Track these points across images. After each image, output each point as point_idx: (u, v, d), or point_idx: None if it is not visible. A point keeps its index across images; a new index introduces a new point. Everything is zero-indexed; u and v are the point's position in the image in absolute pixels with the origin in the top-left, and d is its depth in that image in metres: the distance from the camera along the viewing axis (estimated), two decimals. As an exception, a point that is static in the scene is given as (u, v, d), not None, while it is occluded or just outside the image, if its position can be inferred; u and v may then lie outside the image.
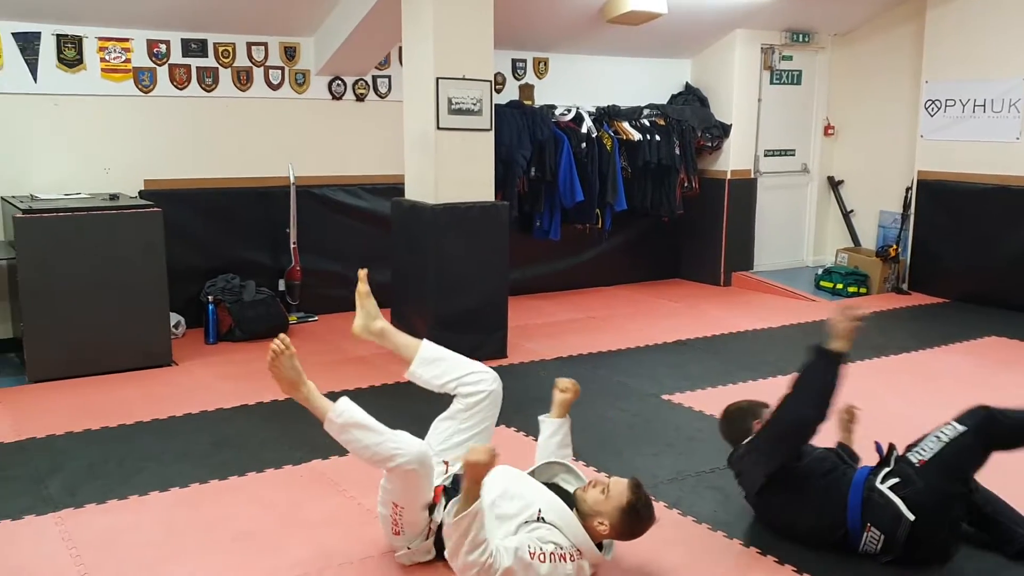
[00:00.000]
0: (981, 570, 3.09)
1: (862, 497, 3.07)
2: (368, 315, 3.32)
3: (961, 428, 3.03)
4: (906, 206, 8.01)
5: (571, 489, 3.01)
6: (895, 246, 7.96)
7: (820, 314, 7.06)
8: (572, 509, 2.87)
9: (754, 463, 3.24)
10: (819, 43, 8.42)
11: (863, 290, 7.85)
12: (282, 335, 2.84)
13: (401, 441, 2.82)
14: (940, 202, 7.66)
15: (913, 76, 7.90)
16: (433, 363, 3.28)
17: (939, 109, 7.62)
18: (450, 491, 2.95)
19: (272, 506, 3.45)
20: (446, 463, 3.11)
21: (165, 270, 5.40)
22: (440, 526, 2.88)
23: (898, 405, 4.78)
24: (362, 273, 3.32)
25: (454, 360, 3.29)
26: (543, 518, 2.82)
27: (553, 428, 3.32)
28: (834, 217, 8.80)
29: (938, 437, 3.06)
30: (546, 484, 3.00)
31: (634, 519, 2.86)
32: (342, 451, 3.23)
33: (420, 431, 4.31)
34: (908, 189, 7.98)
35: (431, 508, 2.95)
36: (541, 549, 2.74)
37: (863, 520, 3.05)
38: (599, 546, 2.90)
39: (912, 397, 5.01)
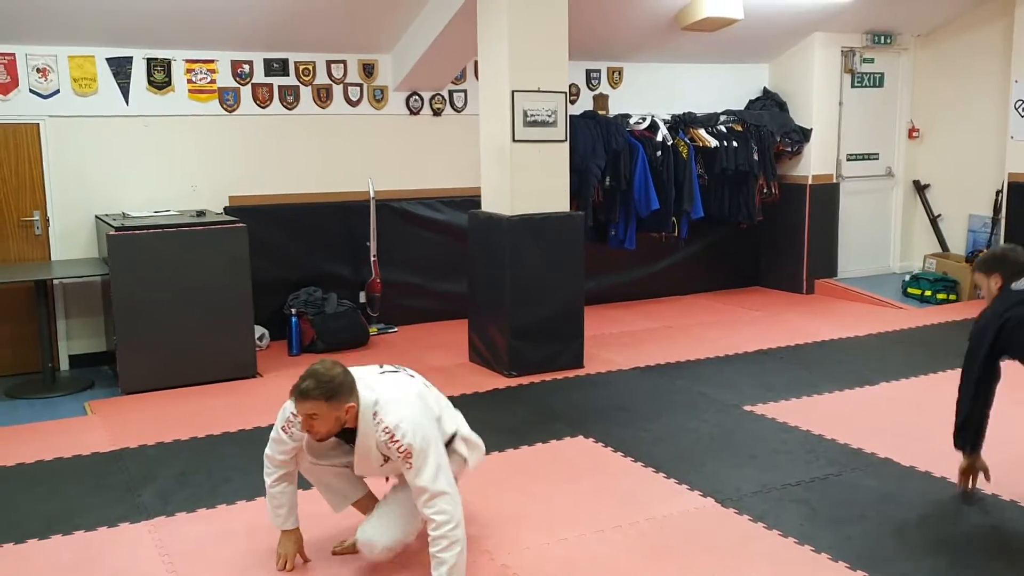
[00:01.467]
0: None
1: None
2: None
3: None
4: (996, 210, 7.74)
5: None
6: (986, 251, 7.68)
7: (908, 322, 6.86)
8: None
9: None
10: (902, 44, 8.21)
11: (952, 297, 7.59)
12: None
13: None
14: (1034, 205, 7.38)
15: (1001, 75, 7.63)
16: None
17: (1031, 108, 7.35)
18: None
19: (353, 514, 3.49)
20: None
21: (250, 284, 5.55)
22: None
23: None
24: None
25: None
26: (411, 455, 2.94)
27: None
28: (921, 222, 8.54)
29: None
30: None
31: (318, 384, 2.84)
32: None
33: (505, 440, 4.32)
34: (999, 192, 7.70)
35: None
36: (423, 454, 2.92)
37: None
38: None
39: (1001, 405, 4.80)
